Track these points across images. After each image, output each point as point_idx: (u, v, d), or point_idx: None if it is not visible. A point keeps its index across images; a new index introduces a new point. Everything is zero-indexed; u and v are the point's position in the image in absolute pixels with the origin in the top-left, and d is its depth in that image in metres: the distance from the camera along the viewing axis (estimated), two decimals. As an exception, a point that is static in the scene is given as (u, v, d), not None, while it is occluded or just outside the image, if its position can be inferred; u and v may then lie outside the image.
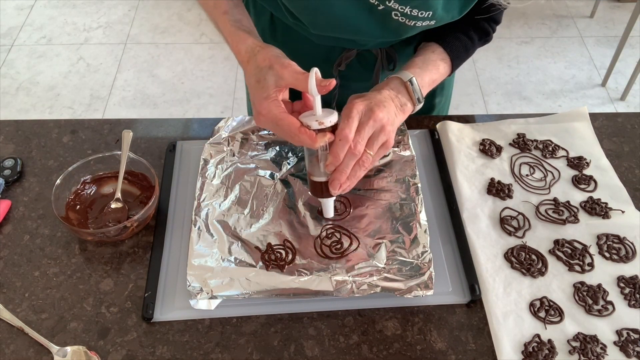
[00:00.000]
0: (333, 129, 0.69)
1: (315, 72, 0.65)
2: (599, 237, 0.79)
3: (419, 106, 0.77)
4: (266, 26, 0.91)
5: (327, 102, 0.84)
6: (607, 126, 0.96)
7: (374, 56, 0.90)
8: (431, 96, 1.02)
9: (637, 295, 0.73)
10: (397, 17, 0.73)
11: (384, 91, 0.74)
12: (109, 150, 0.85)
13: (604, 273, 0.76)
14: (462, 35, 0.83)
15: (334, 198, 0.76)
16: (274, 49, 0.70)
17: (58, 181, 0.79)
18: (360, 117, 0.69)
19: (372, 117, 0.69)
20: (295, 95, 0.71)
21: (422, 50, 0.83)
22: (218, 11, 0.76)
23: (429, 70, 0.79)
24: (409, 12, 0.72)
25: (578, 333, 0.70)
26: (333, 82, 0.65)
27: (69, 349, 0.68)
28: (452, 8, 0.73)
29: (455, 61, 0.82)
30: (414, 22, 0.74)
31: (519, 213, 0.82)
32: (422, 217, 0.78)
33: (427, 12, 0.72)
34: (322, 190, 0.73)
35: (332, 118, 0.68)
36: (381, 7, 0.72)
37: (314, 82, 0.64)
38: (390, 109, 0.72)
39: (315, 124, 0.67)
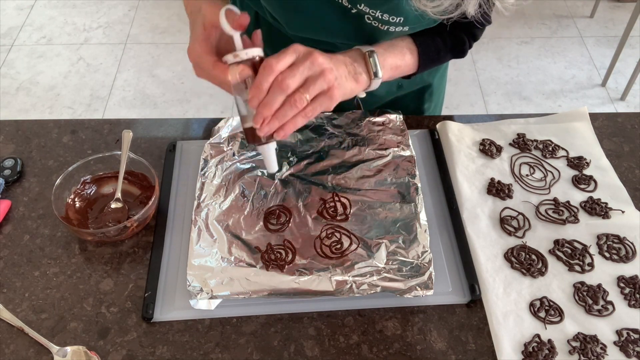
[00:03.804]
0: (257, 67, 0.63)
1: (227, 8, 0.61)
2: (599, 237, 0.79)
3: (376, 83, 0.74)
4: (250, 24, 0.91)
5: None
6: (607, 126, 0.96)
7: None
8: (420, 102, 1.01)
9: (637, 295, 0.73)
10: (370, 21, 0.73)
11: (338, 55, 0.70)
12: (109, 150, 0.85)
13: (604, 273, 0.76)
14: (436, 36, 0.81)
15: (274, 147, 0.68)
16: None
17: (58, 181, 0.79)
18: (296, 56, 0.63)
19: (310, 59, 0.63)
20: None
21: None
22: None
23: (393, 54, 0.76)
24: (380, 17, 0.71)
25: (578, 333, 0.70)
26: (245, 16, 0.61)
27: (69, 349, 0.68)
28: (425, 15, 0.73)
29: (423, 56, 0.80)
30: (386, 26, 0.73)
31: (519, 213, 0.82)
32: (422, 217, 0.78)
33: (399, 18, 0.71)
34: (254, 135, 0.65)
35: (250, 51, 0.62)
36: (354, 10, 0.72)
37: (223, 18, 0.60)
38: (340, 67, 0.68)
39: (230, 57, 0.62)
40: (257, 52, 0.63)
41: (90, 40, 2.58)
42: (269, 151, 0.68)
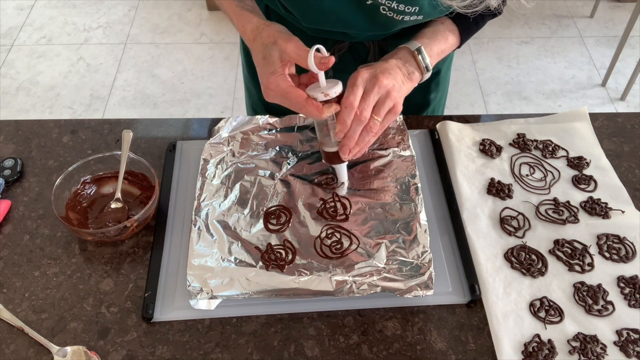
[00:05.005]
0: (339, 98, 0.71)
1: (317, 49, 0.68)
2: (599, 237, 0.79)
3: (427, 75, 0.80)
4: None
5: None
6: (607, 126, 0.96)
7: (366, 48, 0.91)
8: (426, 92, 1.02)
9: (637, 295, 0.73)
10: (385, 12, 0.74)
11: (391, 60, 0.76)
12: (109, 150, 0.85)
13: (604, 273, 0.76)
14: None
15: (346, 163, 0.80)
16: (277, 26, 0.73)
17: (58, 181, 0.79)
18: (365, 84, 0.72)
19: (377, 84, 0.71)
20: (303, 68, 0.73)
21: (431, 21, 0.83)
22: None
23: (437, 40, 0.81)
24: (395, 7, 0.73)
25: (578, 333, 0.70)
26: (332, 59, 0.68)
27: (69, 349, 0.68)
28: (439, 4, 0.74)
29: (464, 34, 0.84)
30: (401, 16, 0.75)
31: (519, 213, 0.82)
32: (422, 217, 0.78)
33: (414, 7, 0.73)
34: (334, 158, 0.77)
35: (336, 89, 0.71)
36: (369, 1, 0.73)
37: (312, 59, 0.68)
38: (397, 76, 0.74)
39: (321, 95, 0.70)
40: (340, 88, 0.72)
41: (90, 40, 2.58)
42: (343, 166, 0.81)
